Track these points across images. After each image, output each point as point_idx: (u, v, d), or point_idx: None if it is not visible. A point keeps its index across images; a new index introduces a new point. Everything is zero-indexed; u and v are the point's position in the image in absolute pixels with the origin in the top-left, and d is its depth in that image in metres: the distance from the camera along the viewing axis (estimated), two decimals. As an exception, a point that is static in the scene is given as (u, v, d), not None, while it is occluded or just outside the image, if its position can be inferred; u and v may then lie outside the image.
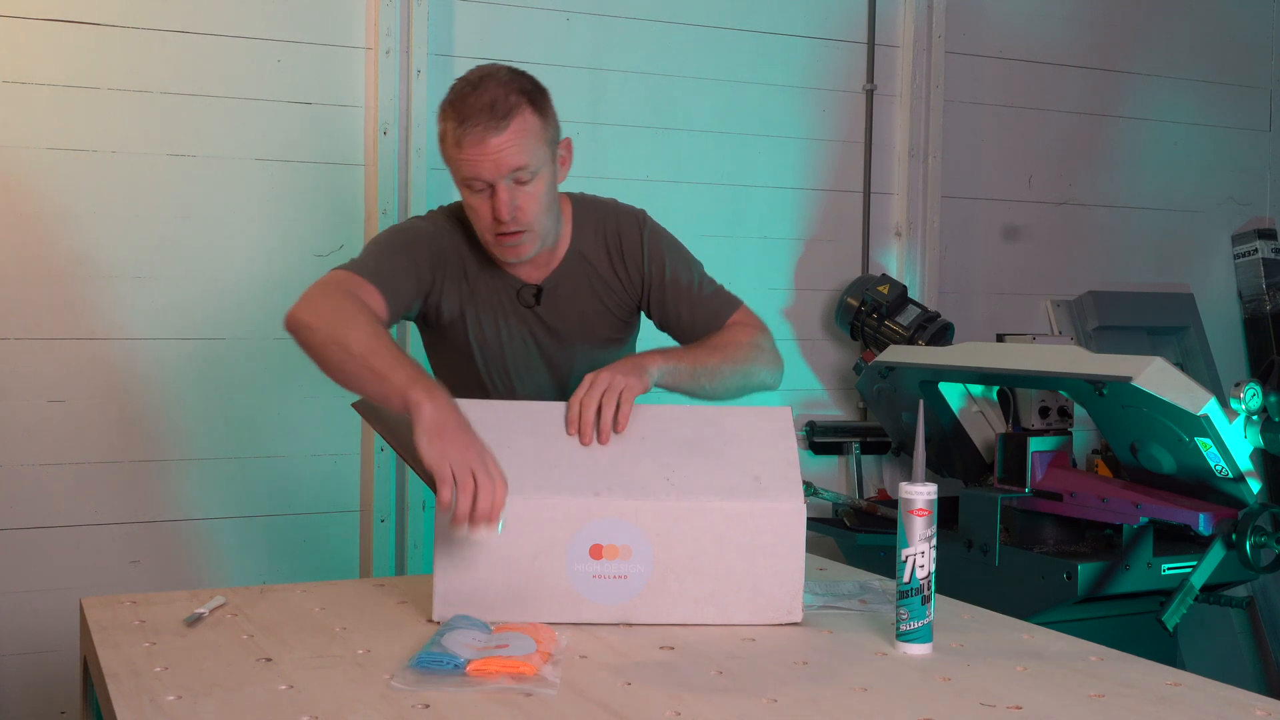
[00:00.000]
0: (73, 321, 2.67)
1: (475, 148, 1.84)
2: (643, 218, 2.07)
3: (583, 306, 2.04)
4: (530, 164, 1.86)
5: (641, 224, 2.06)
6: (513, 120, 1.84)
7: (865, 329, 3.25)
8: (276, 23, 2.81)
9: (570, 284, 2.03)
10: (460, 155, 1.85)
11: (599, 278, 2.04)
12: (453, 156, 1.88)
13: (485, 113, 1.83)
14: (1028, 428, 2.74)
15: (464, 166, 1.86)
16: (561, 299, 2.03)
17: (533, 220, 1.90)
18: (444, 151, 1.91)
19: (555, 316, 2.03)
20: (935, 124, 3.50)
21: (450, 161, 1.90)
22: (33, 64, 2.62)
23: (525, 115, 1.86)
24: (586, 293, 2.04)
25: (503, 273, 2.01)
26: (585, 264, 2.03)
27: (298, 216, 2.84)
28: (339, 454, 2.90)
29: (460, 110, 1.85)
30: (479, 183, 1.86)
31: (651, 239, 2.05)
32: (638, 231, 2.05)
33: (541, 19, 3.05)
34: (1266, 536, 2.35)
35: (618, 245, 2.04)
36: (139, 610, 1.62)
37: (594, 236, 2.04)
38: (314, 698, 1.27)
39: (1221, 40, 3.96)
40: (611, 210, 2.08)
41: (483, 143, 1.83)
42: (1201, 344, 3.84)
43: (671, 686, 1.34)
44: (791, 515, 1.59)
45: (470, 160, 1.85)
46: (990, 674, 1.41)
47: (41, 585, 2.65)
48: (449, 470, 1.53)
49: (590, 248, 2.04)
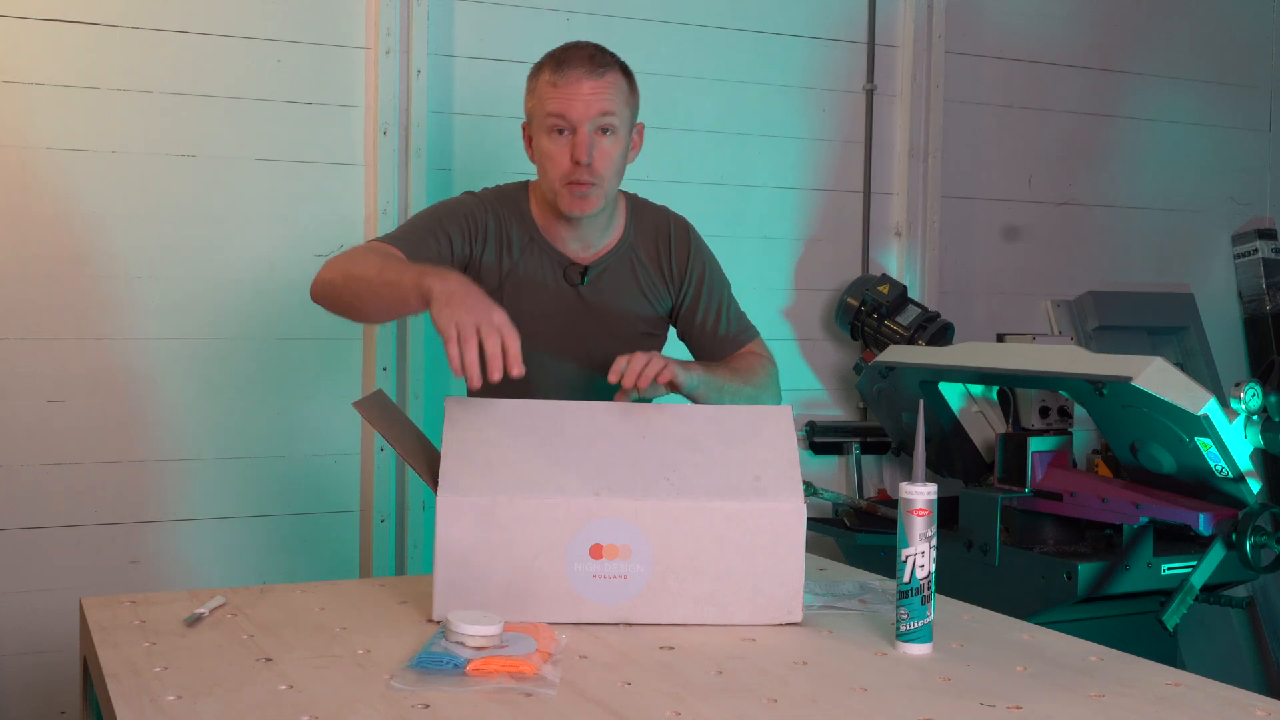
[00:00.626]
0: (73, 321, 2.67)
1: (571, 86, 1.96)
2: (692, 227, 2.21)
3: (625, 295, 2.13)
4: (616, 116, 1.99)
5: (691, 231, 2.20)
6: (608, 74, 1.99)
7: (865, 329, 3.25)
8: (276, 23, 2.81)
9: (616, 271, 2.13)
10: (554, 93, 1.97)
11: (645, 272, 2.14)
12: (544, 96, 1.99)
13: (585, 62, 1.98)
14: (1028, 428, 2.74)
15: (554, 102, 1.97)
16: (605, 284, 2.11)
17: (604, 175, 2.00)
18: (532, 98, 2.03)
19: (597, 298, 2.11)
20: (935, 124, 3.50)
21: (539, 104, 2.00)
22: (33, 64, 2.61)
23: (619, 76, 2.02)
24: (631, 283, 2.13)
25: (552, 249, 2.09)
26: (634, 256, 2.14)
27: (298, 216, 2.84)
28: (339, 454, 2.90)
29: (559, 58, 2.00)
30: (565, 122, 1.97)
31: (698, 247, 2.19)
32: (687, 236, 2.19)
33: (541, 19, 3.05)
34: (1266, 536, 2.35)
35: (668, 245, 2.16)
36: (139, 610, 1.61)
37: (647, 232, 2.16)
38: (314, 698, 1.27)
39: (1221, 40, 3.96)
40: (665, 213, 2.21)
41: (579, 83, 1.96)
42: (1201, 344, 3.84)
43: (671, 686, 1.34)
44: (791, 515, 1.59)
45: (563, 98, 1.96)
46: (990, 674, 1.41)
47: (41, 585, 2.65)
48: (454, 330, 1.57)
49: (641, 243, 2.15)
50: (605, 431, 1.66)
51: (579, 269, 2.09)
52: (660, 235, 2.16)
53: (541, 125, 2.00)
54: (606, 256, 2.11)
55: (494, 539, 1.55)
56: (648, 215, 2.18)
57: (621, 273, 2.12)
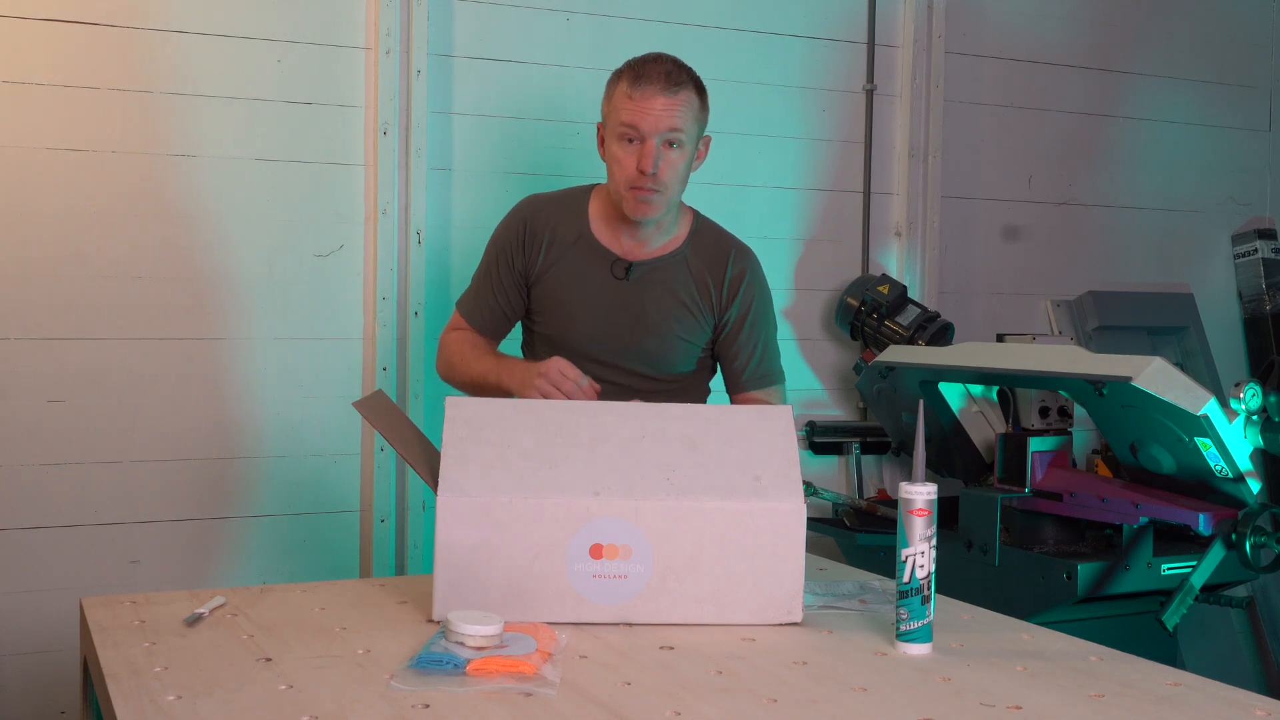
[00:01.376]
0: (73, 321, 2.67)
1: (645, 100, 2.10)
2: (757, 262, 2.33)
3: (667, 299, 2.24)
4: (684, 132, 2.14)
5: (754, 264, 2.32)
6: (682, 92, 2.13)
7: (865, 329, 3.25)
8: (276, 23, 2.81)
9: (664, 274, 2.24)
10: (629, 104, 2.11)
11: (694, 284, 2.25)
12: (619, 106, 2.13)
13: (662, 78, 2.11)
14: (1028, 428, 2.74)
15: (628, 114, 2.11)
16: (649, 283, 2.23)
17: (668, 183, 2.15)
18: (608, 104, 2.17)
19: (639, 294, 2.23)
20: (935, 124, 3.50)
21: (614, 111, 2.14)
22: (33, 64, 2.61)
23: (692, 94, 2.15)
24: (676, 289, 2.25)
25: (599, 246, 2.24)
26: (685, 268, 2.26)
27: (298, 216, 2.84)
28: (339, 454, 2.90)
29: (638, 70, 2.13)
30: (635, 133, 2.11)
31: (755, 280, 2.31)
32: (747, 267, 2.30)
33: (541, 19, 3.05)
34: (1266, 536, 2.35)
35: (725, 267, 2.28)
36: (139, 610, 1.61)
37: (707, 249, 2.28)
38: (314, 698, 1.27)
39: (1221, 40, 3.96)
40: (734, 239, 2.33)
41: (653, 98, 2.10)
42: (1201, 344, 3.84)
43: (671, 686, 1.34)
44: (791, 515, 1.59)
45: (637, 110, 2.10)
46: (990, 674, 1.41)
47: (41, 585, 2.65)
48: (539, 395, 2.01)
49: (698, 258, 2.27)
50: (605, 432, 1.66)
51: (625, 264, 2.23)
52: (721, 256, 2.28)
53: (614, 131, 2.14)
54: (656, 260, 2.24)
55: (494, 539, 1.55)
56: (712, 234, 2.30)
57: (669, 279, 2.24)
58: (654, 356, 2.25)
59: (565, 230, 2.26)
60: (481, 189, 3.01)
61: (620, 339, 2.23)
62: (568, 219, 2.26)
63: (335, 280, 2.88)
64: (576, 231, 2.25)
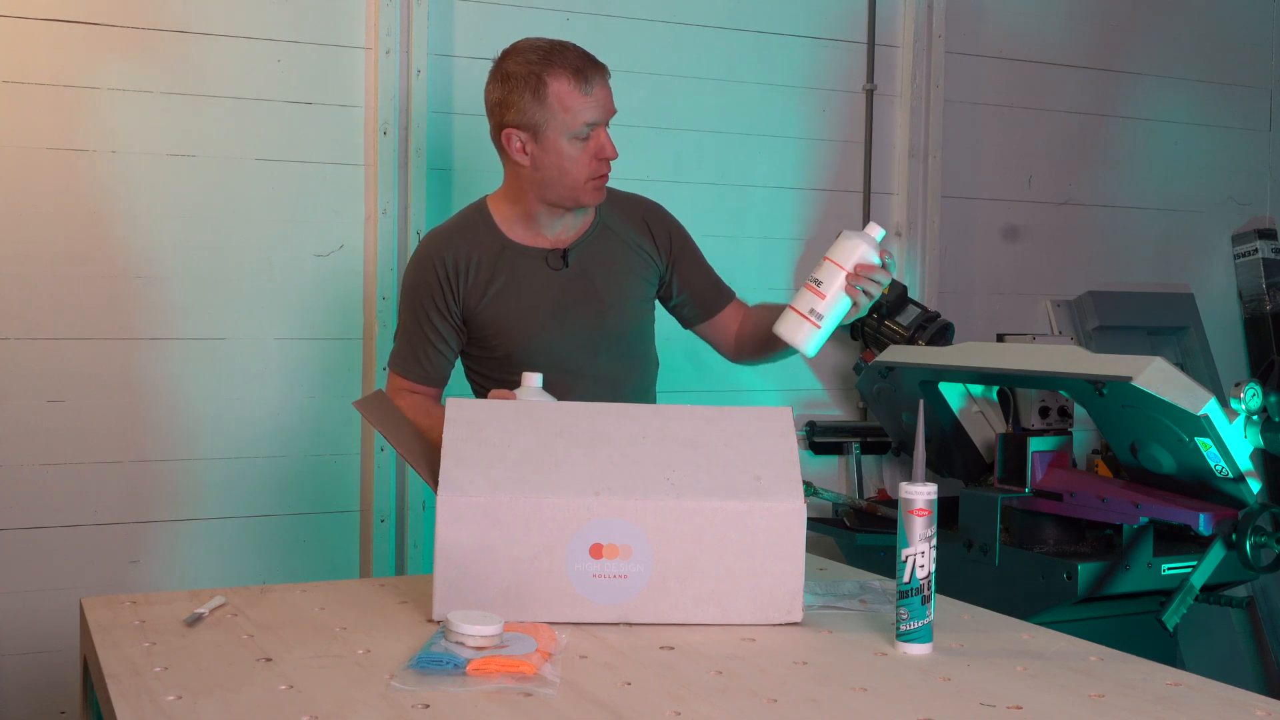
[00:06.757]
0: (73, 321, 2.67)
1: (600, 90, 2.07)
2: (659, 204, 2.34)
3: (612, 264, 2.22)
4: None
5: (660, 206, 2.33)
6: (605, 71, 2.10)
7: (865, 329, 3.25)
8: (276, 23, 2.81)
9: (597, 247, 2.22)
10: (586, 102, 2.05)
11: (626, 245, 2.24)
12: (573, 106, 2.05)
13: (592, 63, 2.07)
14: (1028, 428, 2.74)
15: (588, 112, 2.06)
16: (589, 259, 2.21)
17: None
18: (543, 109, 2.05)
19: (586, 270, 2.20)
20: (935, 124, 3.50)
21: (564, 113, 2.05)
22: (33, 64, 2.62)
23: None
24: (615, 254, 2.23)
25: (529, 248, 2.18)
26: (611, 234, 2.23)
27: (298, 216, 2.84)
28: (339, 454, 2.90)
29: (567, 62, 2.06)
30: (593, 128, 2.07)
31: (674, 219, 2.32)
32: (663, 210, 2.32)
33: (541, 19, 3.05)
34: (1266, 536, 2.35)
35: (648, 217, 2.28)
36: (139, 610, 1.62)
37: (623, 213, 2.25)
38: (314, 698, 1.27)
39: (1221, 40, 3.96)
40: (639, 197, 2.33)
41: (604, 86, 2.08)
42: (1201, 344, 3.84)
43: (671, 686, 1.34)
44: (791, 515, 1.59)
45: (596, 105, 2.06)
46: (990, 674, 1.41)
47: (41, 585, 2.65)
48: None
49: (618, 222, 2.24)
50: (605, 432, 1.66)
51: (559, 252, 2.19)
52: (640, 208, 2.29)
53: (565, 132, 2.07)
54: (582, 240, 2.21)
55: (494, 539, 1.55)
56: (621, 199, 2.28)
57: (604, 249, 2.23)
58: (619, 332, 2.21)
59: (482, 250, 2.17)
60: (481, 189, 2.98)
61: (584, 324, 2.18)
62: (480, 238, 2.18)
63: (335, 280, 2.88)
64: (496, 245, 2.17)
